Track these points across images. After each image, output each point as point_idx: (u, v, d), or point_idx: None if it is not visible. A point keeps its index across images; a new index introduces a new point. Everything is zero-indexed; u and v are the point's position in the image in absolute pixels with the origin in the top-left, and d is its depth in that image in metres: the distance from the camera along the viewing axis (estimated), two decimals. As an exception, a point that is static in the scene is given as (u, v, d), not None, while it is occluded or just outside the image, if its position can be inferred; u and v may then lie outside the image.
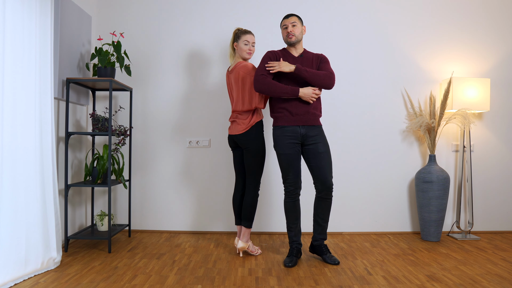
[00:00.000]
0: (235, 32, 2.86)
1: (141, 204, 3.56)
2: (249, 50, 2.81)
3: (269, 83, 2.61)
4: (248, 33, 2.82)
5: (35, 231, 2.40)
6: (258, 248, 2.91)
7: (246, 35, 2.80)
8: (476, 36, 3.62)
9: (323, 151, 2.66)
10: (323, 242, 2.77)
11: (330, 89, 2.90)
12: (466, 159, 3.49)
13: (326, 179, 2.65)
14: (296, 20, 2.72)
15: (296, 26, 2.71)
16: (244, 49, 2.80)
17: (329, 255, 2.71)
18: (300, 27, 2.73)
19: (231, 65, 2.91)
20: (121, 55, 3.04)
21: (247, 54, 2.82)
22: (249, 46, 2.81)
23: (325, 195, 2.68)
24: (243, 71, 2.76)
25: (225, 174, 3.55)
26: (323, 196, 2.69)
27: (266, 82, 2.61)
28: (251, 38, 2.82)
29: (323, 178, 2.65)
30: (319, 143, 2.67)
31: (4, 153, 2.20)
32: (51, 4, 2.61)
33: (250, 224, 2.82)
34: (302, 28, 2.74)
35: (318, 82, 2.63)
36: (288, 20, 2.72)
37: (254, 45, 2.86)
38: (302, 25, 2.76)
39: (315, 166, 2.66)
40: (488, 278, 2.41)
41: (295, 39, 2.71)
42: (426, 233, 3.32)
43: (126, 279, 2.35)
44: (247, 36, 2.80)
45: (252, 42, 2.82)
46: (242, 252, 2.90)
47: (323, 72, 2.66)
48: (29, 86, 2.39)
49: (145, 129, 3.56)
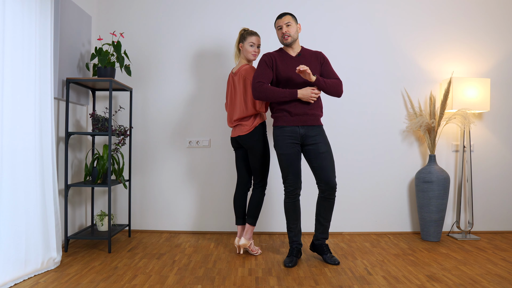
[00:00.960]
0: (241, 33, 2.87)
1: (141, 204, 3.56)
2: (254, 52, 2.82)
3: (266, 90, 2.60)
4: (254, 34, 2.83)
5: (35, 231, 2.40)
6: (258, 248, 2.92)
7: (252, 36, 2.81)
8: (476, 36, 3.62)
9: (324, 151, 2.65)
10: (324, 242, 2.77)
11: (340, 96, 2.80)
12: (466, 159, 3.49)
13: (329, 179, 2.64)
14: (290, 19, 2.67)
15: (291, 25, 2.67)
16: (250, 51, 2.81)
17: (330, 255, 2.71)
18: (295, 26, 2.69)
19: (235, 66, 2.92)
20: (121, 55, 3.04)
21: (252, 55, 2.83)
22: (254, 47, 2.82)
23: (328, 195, 2.68)
24: (247, 75, 2.78)
25: (225, 174, 3.55)
26: (326, 196, 2.68)
27: (263, 89, 2.60)
28: (257, 40, 2.83)
29: (326, 178, 2.64)
30: (320, 143, 2.66)
31: (4, 153, 2.19)
32: (51, 4, 2.61)
33: (254, 221, 2.86)
34: (297, 26, 2.71)
35: (334, 92, 2.66)
36: (281, 20, 2.68)
37: (260, 47, 2.87)
38: (297, 23, 2.72)
39: (317, 167, 2.65)
40: (488, 278, 2.41)
41: (291, 39, 2.68)
42: (426, 233, 3.32)
43: (126, 279, 2.35)
44: (253, 38, 2.81)
45: (257, 44, 2.83)
46: (243, 249, 2.91)
47: (336, 82, 2.66)
48: (29, 86, 2.39)
49: (145, 129, 3.56)
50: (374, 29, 3.58)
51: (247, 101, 2.77)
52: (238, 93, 2.81)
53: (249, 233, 2.85)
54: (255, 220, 2.86)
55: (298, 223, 2.73)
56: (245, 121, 2.80)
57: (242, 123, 2.80)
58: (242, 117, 2.80)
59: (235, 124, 2.86)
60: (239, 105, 2.81)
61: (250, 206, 2.86)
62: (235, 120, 2.84)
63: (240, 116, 2.80)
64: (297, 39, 2.73)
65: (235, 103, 2.85)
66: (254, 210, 2.85)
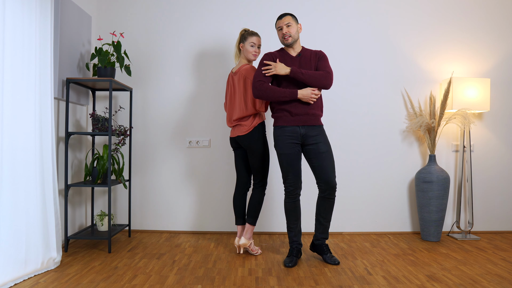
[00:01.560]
0: (242, 33, 2.87)
1: (141, 204, 3.56)
2: (255, 52, 2.83)
3: (266, 89, 2.60)
4: (255, 35, 2.84)
5: (35, 231, 2.40)
6: (258, 248, 2.92)
7: (252, 36, 2.82)
8: (476, 36, 3.62)
9: (324, 151, 2.65)
10: (324, 242, 2.77)
11: (328, 89, 2.84)
12: (466, 159, 3.49)
13: (329, 179, 2.64)
14: (290, 19, 2.68)
15: (291, 26, 2.67)
16: (250, 51, 2.82)
17: (330, 255, 2.71)
18: (295, 26, 2.69)
19: (235, 66, 2.92)
20: (121, 55, 3.04)
21: (253, 56, 2.84)
22: (255, 48, 2.83)
23: (328, 195, 2.68)
24: (248, 75, 2.78)
25: (225, 174, 3.55)
26: (326, 196, 2.68)
27: (264, 88, 2.60)
28: (258, 40, 2.84)
29: (326, 178, 2.64)
30: (320, 143, 2.66)
31: (4, 153, 2.20)
32: (51, 4, 2.61)
33: (254, 221, 2.86)
34: (297, 26, 2.71)
35: (315, 83, 2.61)
36: (282, 21, 2.69)
37: (260, 47, 2.88)
38: (298, 23, 2.72)
39: (317, 166, 2.65)
40: (488, 278, 2.41)
41: (292, 40, 2.68)
42: (426, 233, 3.32)
43: (126, 279, 2.35)
44: (254, 38, 2.82)
45: (258, 44, 2.84)
46: (243, 249, 2.91)
47: (320, 73, 2.63)
48: (29, 86, 2.39)
49: (145, 129, 3.56)
50: (374, 29, 3.57)
51: (247, 101, 2.77)
52: (238, 93, 2.82)
53: (249, 232, 2.86)
54: (255, 220, 2.86)
55: (298, 223, 2.73)
56: (244, 121, 2.80)
57: (241, 123, 2.81)
58: (241, 117, 2.80)
59: (234, 124, 2.86)
60: (238, 104, 2.81)
61: (250, 206, 2.86)
62: (234, 120, 2.84)
63: (239, 115, 2.80)
64: (298, 39, 2.73)
65: (235, 103, 2.85)
66: (254, 210, 2.85)
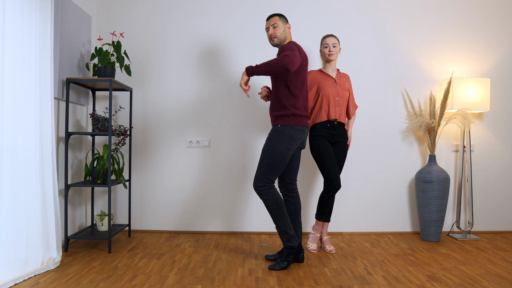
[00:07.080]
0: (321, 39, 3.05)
1: (141, 204, 3.56)
2: (329, 52, 2.95)
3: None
4: (327, 36, 2.99)
5: (35, 231, 2.40)
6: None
7: (325, 38, 2.99)
8: (476, 36, 3.62)
9: (263, 147, 2.57)
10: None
11: (289, 71, 2.45)
12: (466, 159, 3.49)
13: (254, 176, 2.55)
14: (277, 20, 2.64)
15: (278, 27, 2.63)
16: (325, 52, 2.97)
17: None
18: (283, 26, 2.64)
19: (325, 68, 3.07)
20: (121, 55, 3.04)
21: (328, 56, 2.97)
22: (329, 48, 2.95)
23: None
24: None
25: (225, 174, 3.54)
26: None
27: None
28: (330, 40, 2.96)
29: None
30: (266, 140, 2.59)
31: (4, 153, 2.19)
32: (51, 4, 2.61)
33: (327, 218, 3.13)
34: (285, 26, 2.65)
35: (271, 72, 2.48)
36: (268, 22, 2.67)
37: (336, 45, 2.96)
38: (286, 23, 2.67)
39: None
40: (488, 278, 2.41)
41: (278, 41, 2.65)
42: (426, 233, 3.32)
43: (126, 279, 2.35)
44: (326, 39, 2.98)
45: (332, 43, 2.95)
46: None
47: (273, 59, 2.48)
48: (29, 86, 2.39)
49: (145, 129, 3.56)
50: (374, 29, 3.57)
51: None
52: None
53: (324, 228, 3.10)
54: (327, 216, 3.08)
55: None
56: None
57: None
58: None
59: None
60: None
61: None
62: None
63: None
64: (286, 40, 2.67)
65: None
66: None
